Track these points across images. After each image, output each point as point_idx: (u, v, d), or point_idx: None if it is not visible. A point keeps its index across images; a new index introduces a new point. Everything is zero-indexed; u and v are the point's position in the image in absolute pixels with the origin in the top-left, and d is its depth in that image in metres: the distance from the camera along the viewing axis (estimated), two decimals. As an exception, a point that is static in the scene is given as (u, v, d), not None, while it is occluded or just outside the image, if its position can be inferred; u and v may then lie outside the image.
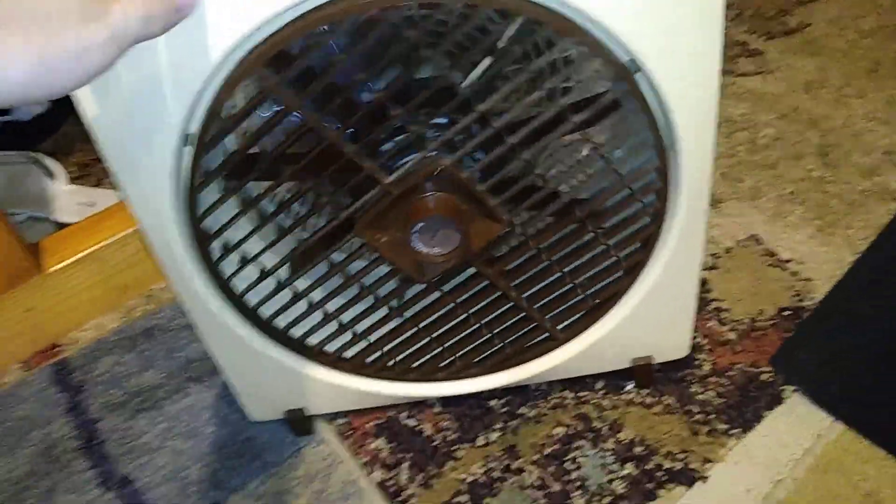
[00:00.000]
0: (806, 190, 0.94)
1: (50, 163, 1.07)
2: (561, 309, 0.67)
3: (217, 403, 0.78)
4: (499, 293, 0.65)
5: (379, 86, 0.59)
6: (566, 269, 0.65)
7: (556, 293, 0.67)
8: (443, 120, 0.61)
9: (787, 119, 1.04)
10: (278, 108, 0.54)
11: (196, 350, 0.83)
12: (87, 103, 0.49)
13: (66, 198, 1.04)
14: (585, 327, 0.69)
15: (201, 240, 0.58)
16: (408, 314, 0.67)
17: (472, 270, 0.64)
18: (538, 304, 0.67)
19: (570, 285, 0.66)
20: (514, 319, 0.68)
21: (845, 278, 0.82)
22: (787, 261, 0.86)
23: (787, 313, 0.80)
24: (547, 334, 0.69)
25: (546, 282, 0.66)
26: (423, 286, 0.65)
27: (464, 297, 0.65)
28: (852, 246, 0.87)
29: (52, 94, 0.36)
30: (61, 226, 0.99)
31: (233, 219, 0.58)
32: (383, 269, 0.63)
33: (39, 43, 0.34)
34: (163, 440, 0.75)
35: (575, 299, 0.67)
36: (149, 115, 0.50)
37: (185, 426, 0.76)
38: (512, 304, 0.66)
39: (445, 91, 0.53)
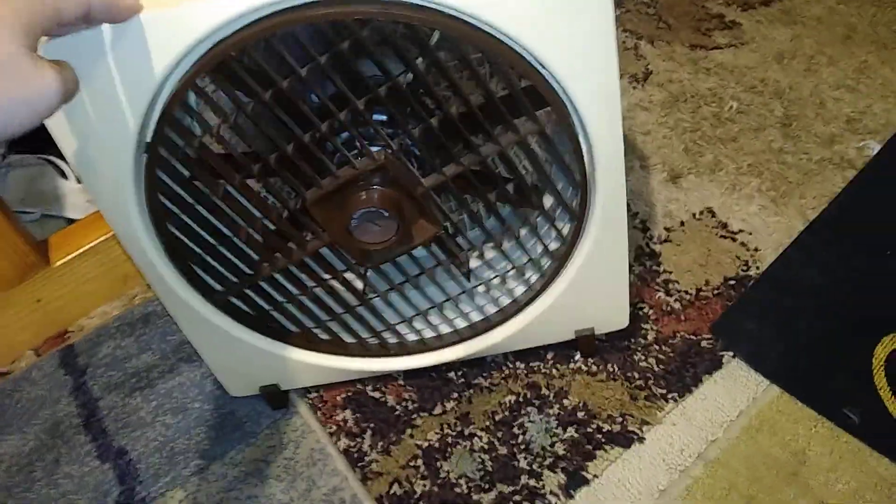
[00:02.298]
0: (764, 162, 0.96)
1: (61, 164, 1.16)
2: (501, 286, 0.73)
3: (203, 382, 0.85)
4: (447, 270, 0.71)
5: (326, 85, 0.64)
6: (504, 248, 0.70)
7: (496, 271, 0.72)
8: (382, 117, 0.66)
9: (754, 91, 1.06)
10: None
11: (187, 333, 0.90)
12: (54, 122, 0.56)
13: (76, 196, 1.12)
14: (527, 303, 0.74)
15: (167, 239, 0.65)
16: (368, 295, 0.73)
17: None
18: (481, 280, 0.72)
19: (508, 264, 0.71)
20: (461, 295, 0.73)
21: (791, 247, 0.85)
22: (738, 232, 0.89)
23: (732, 283, 0.84)
24: (495, 309, 0.75)
25: (485, 261, 0.72)
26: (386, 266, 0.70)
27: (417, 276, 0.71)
28: (804, 216, 0.89)
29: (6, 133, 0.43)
30: (71, 222, 1.07)
31: (192, 217, 0.65)
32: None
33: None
34: (154, 415, 0.83)
35: (512, 276, 0.72)
36: (109, 129, 0.56)
37: (175, 402, 0.84)
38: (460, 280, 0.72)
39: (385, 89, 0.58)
